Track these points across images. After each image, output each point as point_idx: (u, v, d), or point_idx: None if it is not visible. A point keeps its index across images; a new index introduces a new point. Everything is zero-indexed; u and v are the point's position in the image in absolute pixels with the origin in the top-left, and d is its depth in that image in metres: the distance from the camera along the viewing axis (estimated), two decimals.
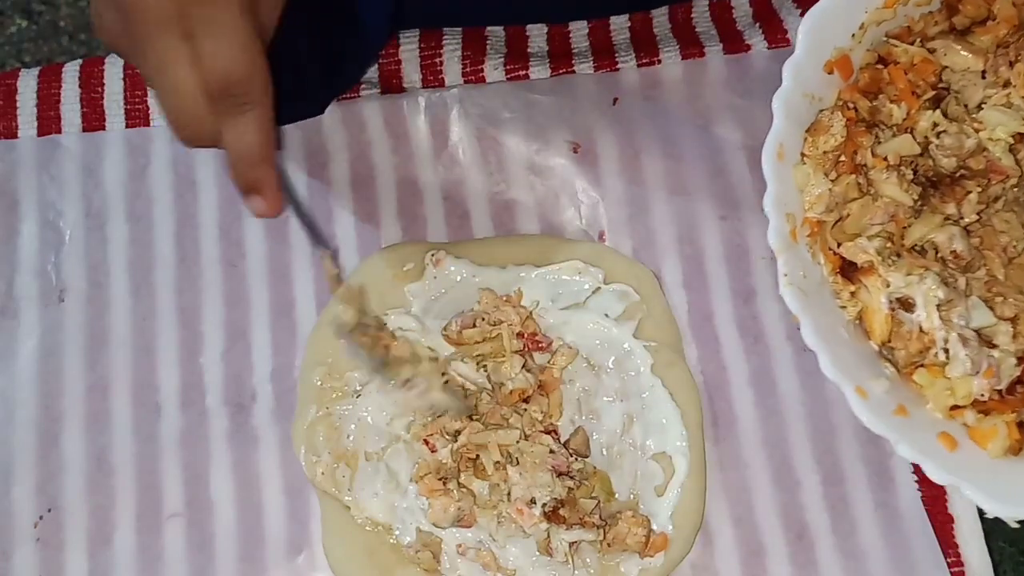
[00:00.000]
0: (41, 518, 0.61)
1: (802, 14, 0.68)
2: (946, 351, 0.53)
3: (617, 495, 0.59)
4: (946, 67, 0.56)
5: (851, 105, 0.56)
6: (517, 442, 0.58)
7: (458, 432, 0.58)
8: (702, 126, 0.66)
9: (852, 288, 0.54)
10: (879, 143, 0.55)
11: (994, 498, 0.50)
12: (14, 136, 0.69)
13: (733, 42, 0.68)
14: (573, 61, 0.68)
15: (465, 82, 0.68)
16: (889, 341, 0.54)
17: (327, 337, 0.62)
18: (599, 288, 0.63)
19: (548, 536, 0.57)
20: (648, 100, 0.67)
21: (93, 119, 0.69)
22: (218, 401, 0.63)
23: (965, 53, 0.56)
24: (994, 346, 0.53)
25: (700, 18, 0.69)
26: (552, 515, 0.57)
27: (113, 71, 0.70)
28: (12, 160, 0.68)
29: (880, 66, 0.56)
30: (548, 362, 0.61)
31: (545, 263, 0.63)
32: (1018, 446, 0.52)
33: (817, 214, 0.55)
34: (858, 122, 0.56)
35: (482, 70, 0.68)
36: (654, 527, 0.58)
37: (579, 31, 0.70)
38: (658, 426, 0.60)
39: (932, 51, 0.56)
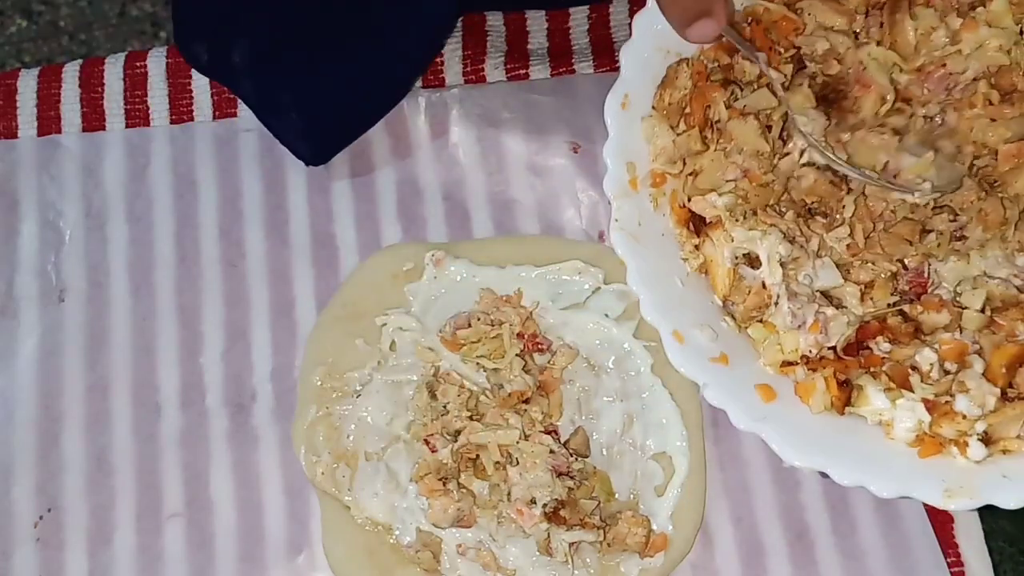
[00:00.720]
0: (41, 518, 0.61)
1: None
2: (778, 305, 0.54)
3: (617, 495, 0.59)
4: (808, 26, 0.57)
5: (709, 62, 0.57)
6: (517, 442, 0.58)
7: (458, 432, 0.58)
8: None
9: (696, 241, 0.56)
10: (736, 99, 0.55)
11: (793, 447, 0.51)
12: (14, 136, 0.69)
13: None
14: (573, 60, 0.68)
15: (465, 82, 0.68)
16: (730, 295, 0.55)
17: (327, 337, 0.62)
18: (599, 288, 0.63)
19: (548, 536, 0.57)
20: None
21: (93, 119, 0.69)
22: (218, 401, 0.63)
23: (833, 13, 0.57)
24: (842, 307, 0.53)
25: None
26: (552, 516, 0.57)
27: (113, 71, 0.70)
28: (12, 160, 0.68)
29: (746, 24, 0.57)
30: (548, 362, 0.61)
31: (545, 263, 0.63)
32: (840, 404, 0.53)
33: (661, 165, 0.56)
34: (710, 79, 0.56)
35: (482, 70, 0.68)
36: (654, 527, 0.58)
37: (579, 27, 0.70)
38: (658, 426, 0.60)
39: (798, 12, 0.57)
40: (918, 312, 0.53)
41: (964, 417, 0.51)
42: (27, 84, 0.70)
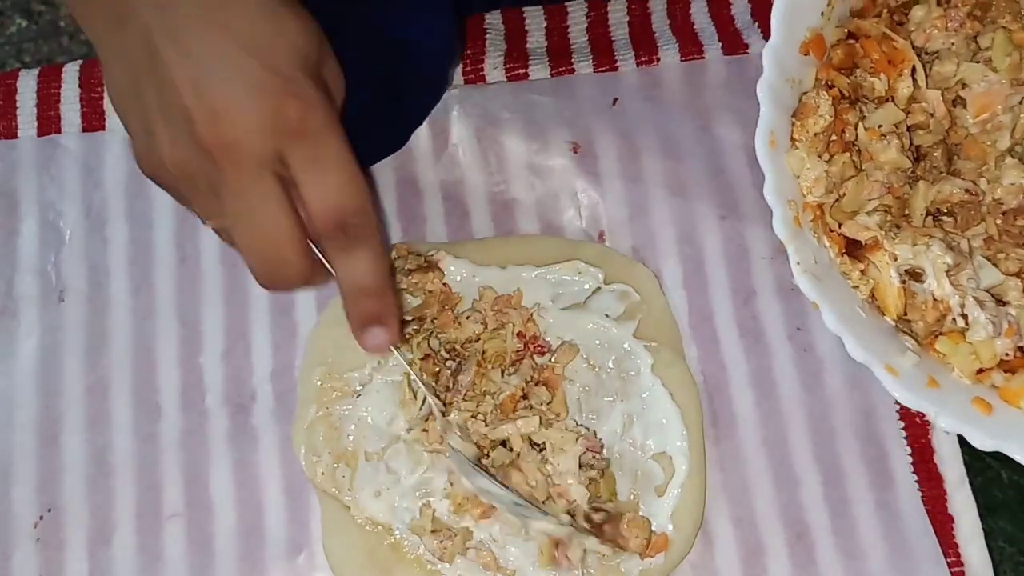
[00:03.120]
0: (41, 518, 0.61)
1: None
2: (964, 316, 0.52)
3: (617, 495, 0.59)
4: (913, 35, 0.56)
5: (830, 84, 0.55)
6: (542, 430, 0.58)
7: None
8: (702, 126, 0.66)
9: (861, 267, 0.54)
10: (865, 117, 0.55)
11: None
12: (14, 136, 0.69)
13: (732, 42, 0.68)
14: (572, 60, 0.68)
15: (465, 82, 0.68)
16: (905, 314, 0.53)
17: (327, 337, 0.62)
18: (599, 288, 0.63)
19: (556, 546, 0.56)
20: (648, 100, 0.67)
21: (93, 119, 0.69)
22: (218, 401, 0.63)
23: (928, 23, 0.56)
24: (1006, 303, 0.52)
25: (698, 15, 0.69)
26: (594, 526, 0.57)
27: None
28: (12, 160, 0.68)
29: (852, 41, 0.56)
30: (549, 360, 0.61)
31: (545, 263, 0.63)
32: None
33: (817, 197, 0.54)
34: (842, 100, 0.55)
35: (482, 70, 0.68)
36: (654, 527, 0.58)
37: (577, 25, 0.70)
38: (658, 426, 0.60)
39: (901, 23, 0.56)
40: None
41: None
42: (27, 84, 0.69)
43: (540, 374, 0.60)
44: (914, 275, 0.53)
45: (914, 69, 0.55)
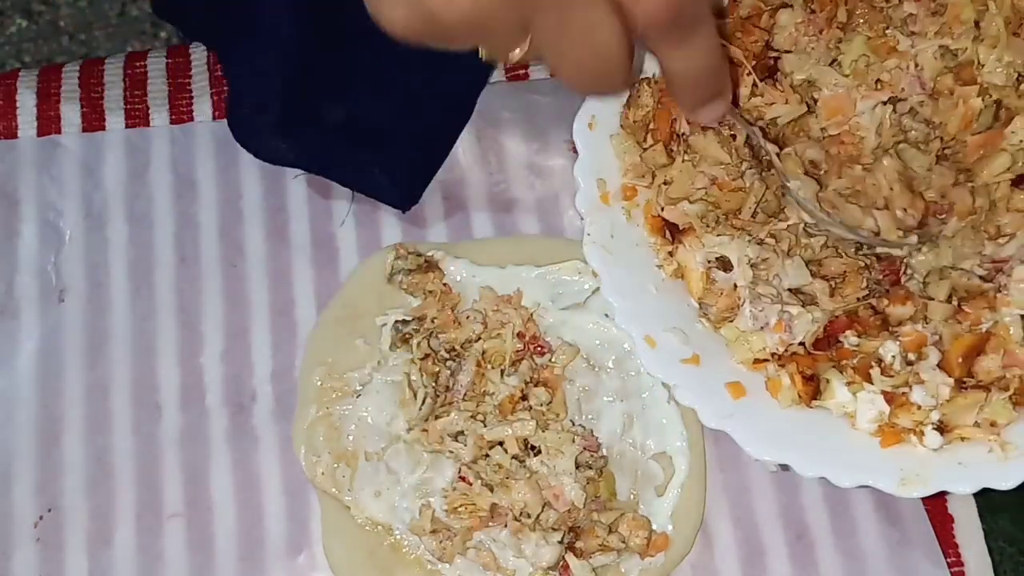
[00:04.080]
0: (41, 518, 0.61)
1: None
2: None
3: (617, 495, 0.59)
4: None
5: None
6: (538, 432, 0.58)
7: (460, 433, 0.58)
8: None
9: (670, 248, 0.58)
10: None
11: (759, 442, 0.54)
12: (14, 136, 0.68)
13: None
14: None
15: None
16: (703, 297, 0.57)
17: (327, 337, 0.62)
18: (599, 288, 0.63)
19: (563, 561, 0.57)
20: None
21: (93, 119, 0.69)
22: (218, 401, 0.63)
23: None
24: (814, 304, 0.56)
25: None
26: (570, 547, 0.57)
27: (113, 71, 0.70)
28: (12, 160, 0.68)
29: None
30: (549, 361, 0.61)
31: (545, 263, 0.63)
32: (808, 397, 0.55)
33: (631, 179, 0.59)
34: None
35: None
36: (654, 527, 0.58)
37: None
38: (658, 426, 0.60)
39: (765, 28, 0.60)
40: (885, 305, 0.55)
41: (919, 407, 0.53)
42: (27, 84, 0.69)
43: (540, 374, 0.60)
44: (725, 265, 0.57)
45: (773, 70, 0.59)
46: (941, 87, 0.58)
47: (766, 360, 0.56)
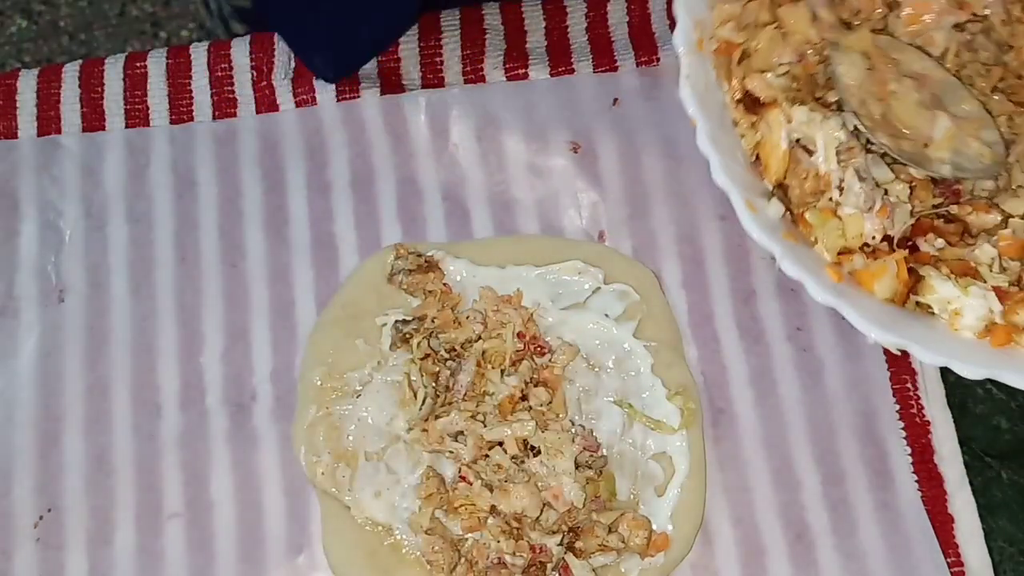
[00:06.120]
0: (41, 518, 0.61)
1: None
2: (840, 190, 0.52)
3: (617, 495, 0.59)
4: None
5: None
6: (538, 432, 0.58)
7: (460, 433, 0.58)
8: None
9: (753, 118, 0.53)
10: None
11: (877, 325, 0.49)
12: (14, 136, 0.69)
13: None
14: (572, 60, 0.69)
15: (465, 82, 0.68)
16: (784, 179, 0.53)
17: (327, 337, 0.63)
18: (599, 288, 0.63)
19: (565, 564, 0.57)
20: (648, 101, 0.67)
21: (93, 119, 0.69)
22: (218, 401, 0.63)
23: None
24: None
25: None
26: (570, 547, 0.56)
27: (113, 71, 0.70)
28: (12, 160, 0.68)
29: None
30: (549, 360, 0.61)
31: (545, 263, 0.63)
32: (904, 293, 0.51)
33: (727, 32, 0.54)
34: None
35: (482, 70, 0.68)
36: (654, 527, 0.58)
37: (577, 26, 0.70)
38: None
39: None
40: (967, 213, 0.52)
41: None
42: (27, 84, 0.70)
43: (540, 374, 0.60)
44: (806, 150, 0.52)
45: None
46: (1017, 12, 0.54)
47: (852, 252, 0.52)
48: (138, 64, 0.70)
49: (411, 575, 0.58)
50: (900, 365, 0.62)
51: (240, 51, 0.70)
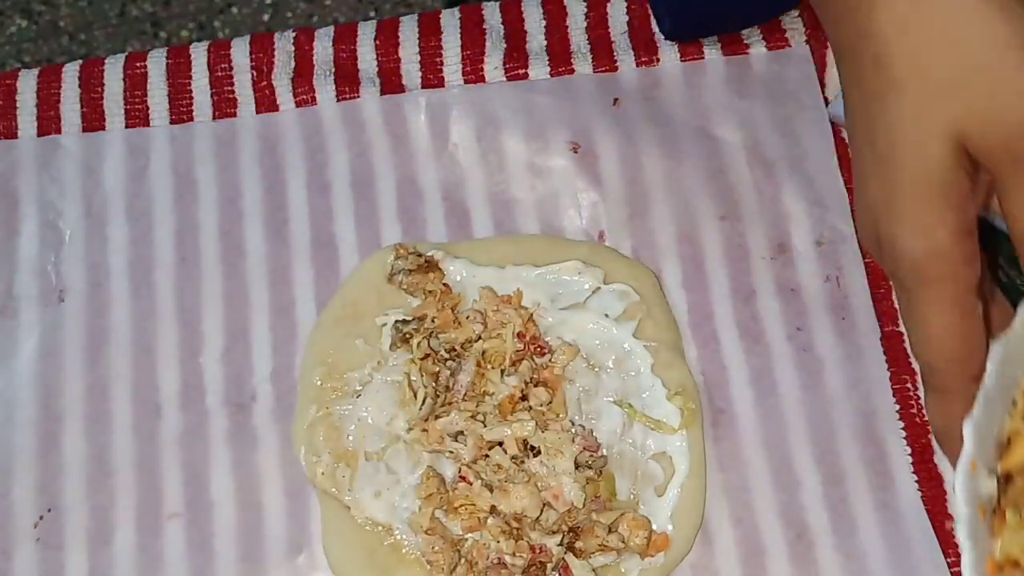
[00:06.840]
0: (41, 518, 0.61)
1: (800, 14, 0.68)
2: None
3: (617, 495, 0.59)
4: None
5: None
6: (538, 432, 0.58)
7: (459, 433, 0.58)
8: (702, 126, 0.66)
9: None
10: None
11: None
12: (14, 136, 0.69)
13: (732, 44, 0.68)
14: (572, 60, 0.69)
15: (465, 82, 0.69)
16: (1017, 473, 0.46)
17: (327, 337, 0.63)
18: (599, 288, 0.63)
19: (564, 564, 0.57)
20: (648, 101, 0.67)
21: (93, 119, 0.69)
22: (218, 401, 0.63)
23: None
24: None
25: None
26: (570, 547, 0.56)
27: (113, 71, 0.70)
28: (12, 160, 0.68)
29: None
30: (549, 360, 0.61)
31: (545, 263, 0.63)
32: None
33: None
34: None
35: (482, 70, 0.69)
36: (654, 527, 0.58)
37: (577, 26, 0.70)
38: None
39: None
40: None
41: None
42: (27, 84, 0.70)
43: (540, 374, 0.60)
44: None
45: None
46: None
47: (1016, 566, 0.45)
48: (138, 64, 0.70)
49: (411, 575, 0.58)
50: (900, 365, 0.62)
51: (240, 51, 0.70)
